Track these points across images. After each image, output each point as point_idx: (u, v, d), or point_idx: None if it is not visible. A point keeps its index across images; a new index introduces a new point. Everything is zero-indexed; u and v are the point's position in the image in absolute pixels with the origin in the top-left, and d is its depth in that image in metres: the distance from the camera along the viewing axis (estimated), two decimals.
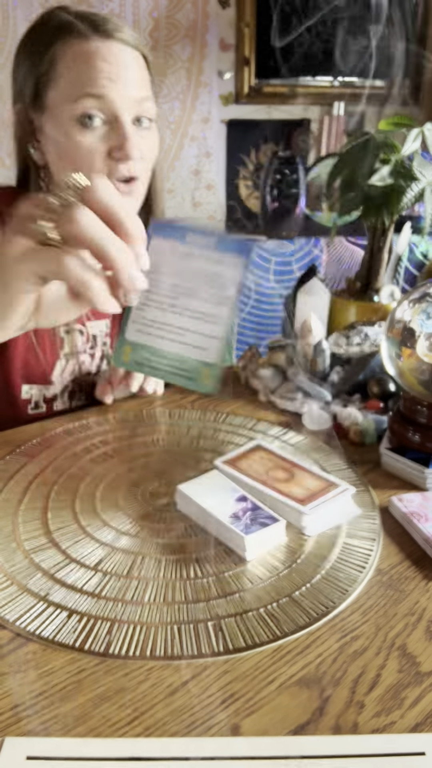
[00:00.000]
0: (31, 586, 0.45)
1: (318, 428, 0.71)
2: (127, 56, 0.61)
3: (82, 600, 0.44)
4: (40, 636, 0.41)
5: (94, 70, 0.59)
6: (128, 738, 0.35)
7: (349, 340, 0.85)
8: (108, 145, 0.61)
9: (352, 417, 0.70)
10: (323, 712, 0.36)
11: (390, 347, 0.61)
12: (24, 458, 0.63)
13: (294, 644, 0.41)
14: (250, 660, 0.40)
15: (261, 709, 0.36)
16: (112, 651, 0.40)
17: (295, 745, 0.34)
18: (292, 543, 0.50)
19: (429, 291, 0.60)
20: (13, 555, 0.49)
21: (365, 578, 0.47)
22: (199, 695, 0.37)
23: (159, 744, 0.34)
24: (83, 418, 0.72)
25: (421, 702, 0.37)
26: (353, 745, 0.34)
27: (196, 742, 0.34)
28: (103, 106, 0.60)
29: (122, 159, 0.60)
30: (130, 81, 0.61)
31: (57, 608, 0.43)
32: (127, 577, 0.46)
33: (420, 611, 0.44)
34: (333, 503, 0.53)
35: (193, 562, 0.48)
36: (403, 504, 0.54)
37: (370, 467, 0.63)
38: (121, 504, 0.56)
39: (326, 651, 0.40)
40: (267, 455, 0.60)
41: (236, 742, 0.35)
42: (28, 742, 0.34)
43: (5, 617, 0.42)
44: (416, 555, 0.50)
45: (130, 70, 0.61)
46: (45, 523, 0.53)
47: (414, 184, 0.81)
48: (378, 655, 0.40)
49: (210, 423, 0.72)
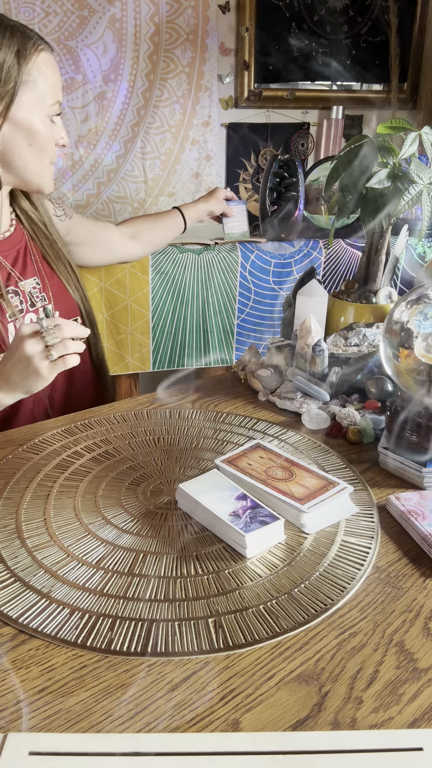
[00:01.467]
0: (34, 583, 0.46)
1: (317, 428, 0.71)
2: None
3: (84, 597, 0.44)
4: (43, 632, 0.41)
5: (55, 79, 0.76)
6: (129, 733, 0.35)
7: (347, 340, 0.85)
8: (56, 135, 0.80)
9: (350, 417, 0.70)
10: (322, 708, 0.37)
11: (388, 348, 0.62)
12: (26, 457, 0.64)
13: (293, 641, 0.41)
14: (249, 656, 0.40)
15: (260, 705, 0.37)
16: (113, 647, 0.40)
17: (294, 741, 0.35)
18: (290, 541, 0.51)
19: (426, 292, 0.60)
20: (17, 552, 0.49)
21: (363, 575, 0.47)
22: (199, 691, 0.38)
23: (160, 739, 0.35)
24: (84, 418, 0.73)
25: (418, 698, 0.37)
26: (351, 740, 0.35)
27: (196, 738, 0.35)
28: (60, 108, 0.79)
29: (63, 145, 0.82)
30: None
31: (59, 605, 0.44)
32: (129, 575, 0.47)
33: (417, 608, 0.44)
34: (332, 502, 0.53)
35: (194, 560, 0.49)
36: (401, 502, 0.54)
37: (368, 466, 0.63)
38: (122, 502, 0.56)
39: (325, 647, 0.41)
40: (266, 454, 0.61)
41: (236, 737, 0.35)
42: (30, 737, 0.35)
43: (8, 614, 0.43)
44: (413, 552, 0.50)
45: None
46: (47, 521, 0.53)
47: (411, 187, 0.81)
48: (376, 651, 0.40)
49: (210, 423, 0.72)
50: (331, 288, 1.80)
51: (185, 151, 1.95)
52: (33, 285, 0.82)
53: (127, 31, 1.79)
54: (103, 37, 1.77)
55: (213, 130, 1.97)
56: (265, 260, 1.72)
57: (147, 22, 1.79)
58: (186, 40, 1.86)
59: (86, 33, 1.75)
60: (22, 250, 0.83)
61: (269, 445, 0.63)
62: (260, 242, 1.72)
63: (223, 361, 1.78)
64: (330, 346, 0.83)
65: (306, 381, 0.77)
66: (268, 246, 1.72)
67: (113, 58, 1.80)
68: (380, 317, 0.90)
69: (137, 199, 1.95)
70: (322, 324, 0.85)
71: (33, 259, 0.84)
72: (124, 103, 1.85)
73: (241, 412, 0.76)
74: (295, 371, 0.80)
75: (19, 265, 0.82)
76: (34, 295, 0.82)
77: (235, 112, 1.98)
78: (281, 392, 0.78)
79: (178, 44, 1.85)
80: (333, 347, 0.84)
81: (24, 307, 0.80)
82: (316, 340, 0.79)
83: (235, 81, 1.96)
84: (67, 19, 1.72)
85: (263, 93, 1.97)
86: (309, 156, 2.10)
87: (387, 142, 0.83)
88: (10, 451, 0.65)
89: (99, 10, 1.73)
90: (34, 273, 0.83)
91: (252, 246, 1.71)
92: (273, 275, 1.75)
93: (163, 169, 1.95)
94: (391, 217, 0.86)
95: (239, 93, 1.97)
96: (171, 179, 1.96)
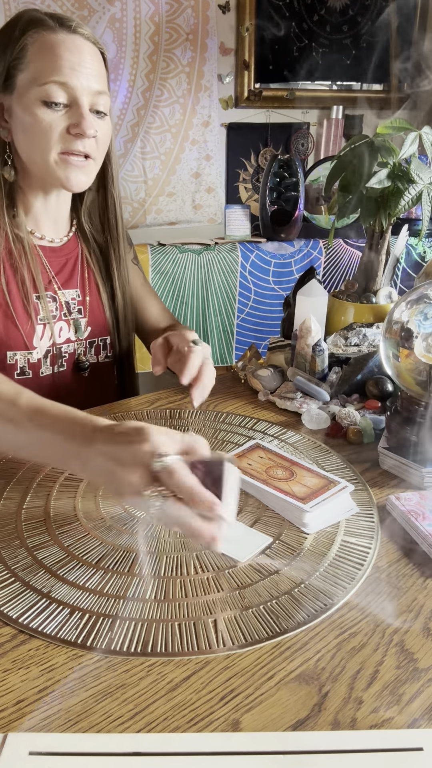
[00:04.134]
0: (34, 583, 0.46)
1: (317, 428, 0.71)
2: (87, 49, 0.70)
3: (84, 597, 0.44)
4: (43, 632, 0.41)
5: (60, 59, 0.67)
6: (130, 733, 0.35)
7: (347, 340, 0.85)
8: (67, 122, 0.69)
9: (350, 416, 0.70)
10: (322, 708, 0.37)
11: (388, 348, 0.62)
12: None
13: (293, 640, 0.41)
14: (249, 656, 0.40)
15: (260, 705, 0.37)
16: (113, 647, 0.40)
17: (294, 741, 0.34)
18: (291, 541, 0.51)
19: (426, 293, 0.60)
20: (16, 552, 0.49)
21: (363, 575, 0.47)
22: (199, 691, 0.38)
23: (160, 739, 0.35)
24: None
25: (419, 698, 0.37)
26: (352, 740, 0.35)
27: (196, 738, 0.35)
28: (65, 91, 0.68)
29: (78, 135, 0.70)
30: (90, 72, 0.69)
31: (59, 605, 0.44)
32: (129, 575, 0.47)
33: (417, 608, 0.44)
34: (333, 501, 0.53)
35: (194, 560, 0.49)
36: (401, 502, 0.54)
37: (368, 466, 0.63)
38: (122, 502, 0.56)
39: (325, 647, 0.41)
40: (266, 454, 0.61)
41: (236, 737, 0.35)
42: (30, 737, 0.35)
43: (8, 614, 0.43)
44: (414, 552, 0.50)
45: (89, 61, 0.69)
46: (47, 521, 0.53)
47: (411, 187, 0.82)
48: (376, 651, 0.40)
49: (210, 423, 0.72)
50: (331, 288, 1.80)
51: (185, 151, 1.95)
52: (72, 296, 0.82)
53: (127, 31, 1.79)
54: (103, 37, 1.77)
55: (213, 130, 1.97)
56: (265, 260, 1.72)
57: (147, 21, 1.79)
58: (186, 40, 1.86)
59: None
60: (72, 260, 0.82)
61: (268, 445, 0.63)
62: (260, 242, 1.73)
63: (223, 361, 1.78)
64: (330, 346, 0.83)
65: (306, 381, 0.77)
66: (268, 246, 1.72)
67: (113, 58, 1.80)
68: (380, 317, 0.90)
69: (137, 199, 1.95)
70: (322, 324, 0.85)
71: (80, 271, 0.83)
72: (124, 102, 1.85)
73: (241, 412, 0.76)
74: (295, 371, 0.80)
75: (65, 274, 0.81)
76: (71, 306, 0.82)
77: (235, 112, 1.98)
78: (281, 392, 0.78)
79: (178, 44, 1.85)
80: (333, 347, 0.84)
81: (58, 314, 0.80)
82: (316, 340, 0.79)
83: (235, 81, 1.96)
84: None
85: (263, 93, 1.97)
86: (309, 156, 2.10)
87: (387, 142, 0.83)
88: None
89: (99, 10, 1.73)
90: (76, 285, 0.82)
91: (252, 246, 1.71)
92: (273, 275, 1.75)
93: (163, 169, 1.95)
94: (391, 217, 0.86)
95: (239, 93, 1.97)
96: (171, 179, 1.96)
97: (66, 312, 0.81)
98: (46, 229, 0.80)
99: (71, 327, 0.82)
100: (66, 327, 0.81)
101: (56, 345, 0.80)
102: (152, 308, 0.93)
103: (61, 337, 0.81)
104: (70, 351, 0.82)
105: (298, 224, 1.75)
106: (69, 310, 0.81)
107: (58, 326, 0.80)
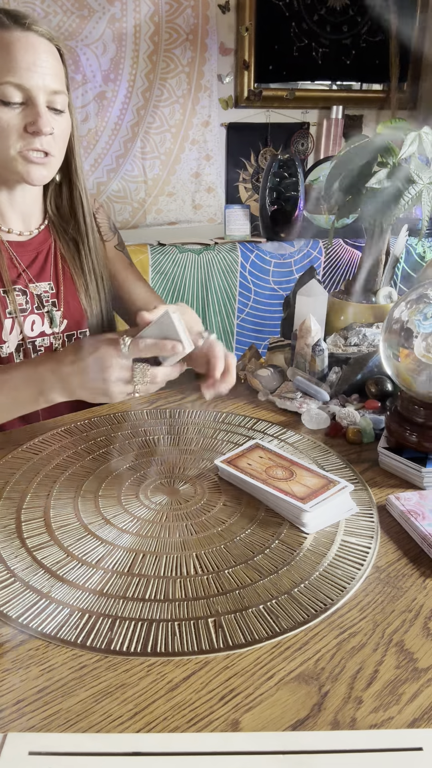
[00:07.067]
0: (34, 583, 0.46)
1: (317, 428, 0.71)
2: (43, 47, 0.70)
3: (84, 597, 0.44)
4: (43, 632, 0.41)
5: (14, 60, 0.68)
6: (129, 733, 0.35)
7: (347, 340, 0.85)
8: (24, 121, 0.70)
9: (350, 416, 0.70)
10: (322, 708, 0.37)
11: (387, 348, 0.62)
12: (26, 457, 0.64)
13: (293, 640, 0.41)
14: (249, 656, 0.40)
15: (260, 705, 0.37)
16: (113, 647, 0.40)
17: (294, 741, 0.35)
18: (290, 541, 0.51)
19: (426, 292, 0.60)
20: (17, 552, 0.49)
21: (363, 575, 0.47)
22: (199, 691, 0.38)
23: (160, 739, 0.35)
24: (84, 417, 0.73)
25: (418, 697, 0.37)
26: (351, 740, 0.35)
27: (196, 738, 0.35)
28: (21, 91, 0.69)
29: (35, 133, 0.70)
30: (45, 70, 0.70)
31: (59, 605, 0.44)
32: (128, 575, 0.47)
33: (417, 608, 0.44)
34: (333, 500, 0.53)
35: (193, 560, 0.49)
36: (401, 502, 0.54)
37: (368, 466, 0.63)
38: (122, 502, 0.56)
39: (324, 647, 0.41)
40: (266, 454, 0.61)
41: (236, 737, 0.35)
42: (30, 737, 0.35)
43: (8, 614, 0.43)
44: (413, 552, 0.50)
45: (45, 60, 0.70)
46: (47, 521, 0.53)
47: (411, 187, 0.82)
48: (376, 651, 0.40)
49: (210, 423, 0.72)
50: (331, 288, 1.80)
51: (185, 151, 1.95)
52: (45, 289, 0.82)
53: (127, 31, 1.79)
54: (103, 37, 1.77)
55: (213, 130, 1.97)
56: (265, 260, 1.72)
57: (147, 21, 1.79)
58: (186, 40, 1.86)
59: (86, 33, 1.75)
60: (43, 252, 0.82)
61: (268, 445, 0.63)
62: (260, 242, 1.72)
63: None
64: (330, 346, 0.83)
65: (306, 381, 0.77)
66: (268, 246, 1.72)
67: (113, 58, 1.80)
68: (380, 317, 0.90)
69: (137, 198, 1.95)
70: (322, 324, 0.85)
71: (53, 263, 0.83)
72: (124, 102, 1.85)
73: (241, 412, 0.76)
74: (295, 371, 0.80)
75: (36, 268, 0.81)
76: (43, 299, 0.81)
77: (234, 112, 1.98)
78: (281, 392, 0.78)
79: (177, 44, 1.85)
80: (333, 347, 0.84)
81: (30, 307, 0.80)
82: (316, 340, 0.79)
83: (235, 81, 1.96)
84: (67, 19, 1.72)
85: (263, 93, 1.97)
86: (309, 156, 2.10)
87: (387, 141, 0.83)
88: (10, 451, 0.65)
89: (99, 10, 1.73)
90: (49, 277, 0.82)
91: (252, 246, 1.71)
92: (273, 275, 1.75)
93: (162, 168, 1.95)
94: (391, 217, 0.86)
95: (239, 93, 1.97)
96: (171, 179, 1.96)
97: (39, 305, 0.80)
98: (14, 223, 0.80)
99: (45, 320, 0.81)
100: (39, 320, 0.81)
101: (28, 339, 0.79)
102: (139, 291, 0.92)
103: (34, 331, 0.80)
104: (46, 345, 0.81)
105: (298, 224, 1.75)
106: (42, 303, 0.81)
107: (30, 320, 0.80)
